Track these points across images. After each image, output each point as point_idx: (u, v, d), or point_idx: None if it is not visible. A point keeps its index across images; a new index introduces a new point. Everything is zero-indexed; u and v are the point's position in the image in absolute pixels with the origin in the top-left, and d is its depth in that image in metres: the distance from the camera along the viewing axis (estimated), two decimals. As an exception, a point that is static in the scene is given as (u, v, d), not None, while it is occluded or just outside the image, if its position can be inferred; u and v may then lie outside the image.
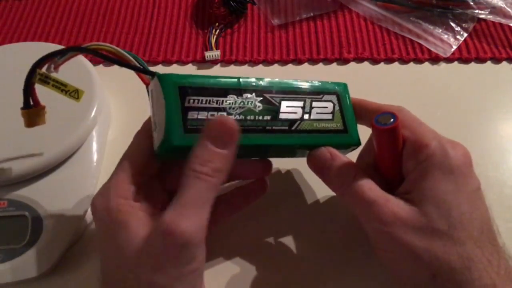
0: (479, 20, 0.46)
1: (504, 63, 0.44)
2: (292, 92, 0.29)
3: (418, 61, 0.44)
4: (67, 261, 0.32)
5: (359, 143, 0.30)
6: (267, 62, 0.44)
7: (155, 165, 0.28)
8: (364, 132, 0.31)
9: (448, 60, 0.44)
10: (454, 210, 0.24)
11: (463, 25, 0.45)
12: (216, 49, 0.44)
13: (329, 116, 0.30)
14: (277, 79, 0.29)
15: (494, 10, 0.45)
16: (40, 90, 0.36)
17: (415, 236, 0.24)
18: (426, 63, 0.44)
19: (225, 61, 0.45)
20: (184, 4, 0.49)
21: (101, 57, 0.27)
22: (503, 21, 0.45)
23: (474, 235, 0.24)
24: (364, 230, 0.27)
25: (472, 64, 0.44)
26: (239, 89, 0.27)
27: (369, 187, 0.26)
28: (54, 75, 0.29)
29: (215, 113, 0.26)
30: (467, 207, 0.25)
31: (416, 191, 0.25)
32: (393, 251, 0.25)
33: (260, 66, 0.44)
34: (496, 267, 0.24)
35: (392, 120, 0.26)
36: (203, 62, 0.44)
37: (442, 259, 0.24)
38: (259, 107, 0.27)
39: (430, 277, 0.24)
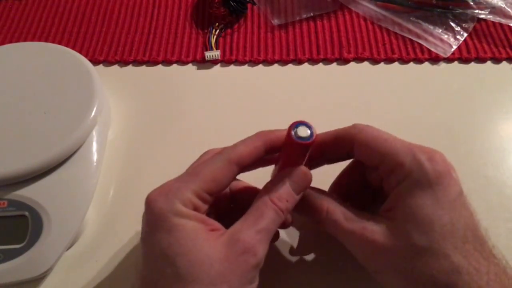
0: (479, 20, 0.46)
1: (504, 63, 0.44)
2: None
3: (418, 61, 0.44)
4: (67, 261, 0.32)
5: None
6: (267, 62, 0.44)
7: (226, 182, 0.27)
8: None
9: (448, 60, 0.44)
10: (435, 224, 0.24)
11: (463, 25, 0.45)
12: (216, 49, 0.44)
13: None
14: None
15: (494, 10, 0.45)
16: (41, 91, 0.36)
17: (398, 259, 0.24)
18: (426, 63, 0.44)
19: (225, 61, 0.45)
20: (184, 4, 0.49)
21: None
22: (503, 21, 0.45)
23: (459, 245, 0.23)
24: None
25: (472, 64, 0.44)
26: None
27: (344, 217, 0.26)
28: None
29: None
30: (447, 218, 0.24)
31: (398, 209, 0.25)
32: (382, 275, 0.25)
33: (260, 66, 0.44)
34: (485, 274, 0.23)
35: (309, 132, 0.25)
36: (203, 62, 0.44)
37: (427, 277, 0.23)
38: None
39: None
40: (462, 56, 0.44)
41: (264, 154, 0.27)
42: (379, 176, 0.27)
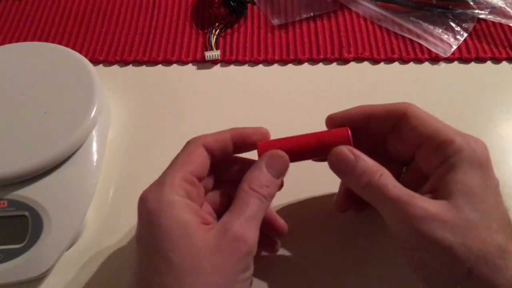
0: (479, 20, 0.46)
1: (504, 63, 0.44)
2: None
3: (418, 61, 0.44)
4: (67, 261, 0.32)
5: None
6: (267, 62, 0.44)
7: (206, 170, 0.28)
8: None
9: (448, 60, 0.44)
10: (482, 203, 0.24)
11: (463, 25, 0.45)
12: (216, 49, 0.44)
13: None
14: None
15: (494, 10, 0.45)
16: (41, 91, 0.36)
17: (448, 231, 0.24)
18: (426, 63, 0.44)
19: (225, 61, 0.45)
20: (184, 4, 0.49)
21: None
22: (503, 21, 0.45)
23: (502, 227, 0.24)
24: (391, 231, 0.26)
25: (472, 64, 0.44)
26: None
27: (393, 184, 0.25)
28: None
29: None
30: (493, 201, 0.25)
31: (444, 186, 0.25)
32: (425, 249, 0.24)
33: (260, 66, 0.44)
34: None
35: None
36: (203, 62, 0.45)
37: (478, 251, 0.23)
38: None
39: (466, 272, 0.23)
40: (462, 56, 0.44)
41: (233, 145, 0.29)
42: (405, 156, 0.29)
